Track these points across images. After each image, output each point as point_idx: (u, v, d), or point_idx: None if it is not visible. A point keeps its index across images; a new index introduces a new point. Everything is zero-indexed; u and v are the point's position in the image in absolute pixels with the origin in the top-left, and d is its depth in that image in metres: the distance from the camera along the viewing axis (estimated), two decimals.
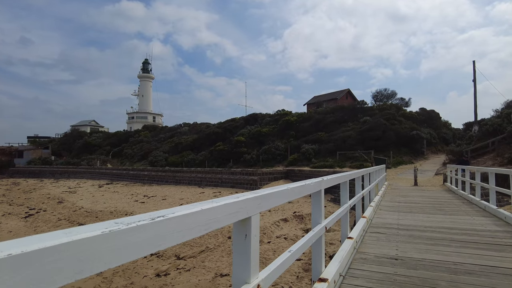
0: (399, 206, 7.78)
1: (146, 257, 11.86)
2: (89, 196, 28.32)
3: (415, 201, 8.87)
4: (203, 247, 12.51)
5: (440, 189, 13.09)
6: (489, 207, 6.91)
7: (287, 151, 29.71)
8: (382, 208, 7.43)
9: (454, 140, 30.69)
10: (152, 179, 34.06)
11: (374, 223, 5.65)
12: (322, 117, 31.61)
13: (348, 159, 25.08)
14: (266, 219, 15.65)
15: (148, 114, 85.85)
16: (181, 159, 37.16)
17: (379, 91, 41.20)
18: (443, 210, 7.22)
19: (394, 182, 16.50)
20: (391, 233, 4.88)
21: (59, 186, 36.55)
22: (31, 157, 61.64)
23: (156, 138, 52.49)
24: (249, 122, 40.52)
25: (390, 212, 6.79)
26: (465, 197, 9.33)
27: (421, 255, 3.71)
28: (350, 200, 4.10)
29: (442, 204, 8.26)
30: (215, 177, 26.54)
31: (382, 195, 9.95)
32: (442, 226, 5.36)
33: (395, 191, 12.06)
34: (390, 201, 8.90)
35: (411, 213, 6.74)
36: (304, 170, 23.04)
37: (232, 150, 32.71)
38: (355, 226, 4.68)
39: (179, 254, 12.00)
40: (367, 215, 5.56)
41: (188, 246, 12.83)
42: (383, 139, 25.81)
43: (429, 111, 37.08)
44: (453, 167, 12.64)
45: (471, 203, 8.40)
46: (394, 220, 5.96)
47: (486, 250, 3.89)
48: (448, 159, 21.20)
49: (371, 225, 5.40)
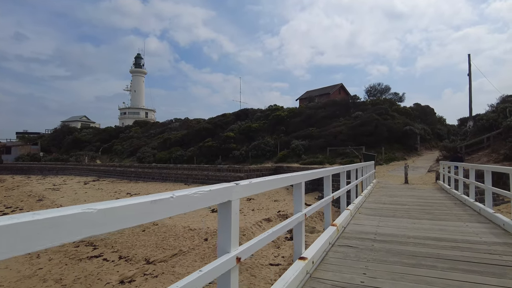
0: (382, 209, 6.82)
1: (114, 261, 10.93)
2: (71, 193, 27.35)
3: (402, 202, 7.92)
4: (176, 250, 11.55)
5: (432, 187, 12.20)
6: (484, 210, 5.98)
7: (277, 147, 28.76)
8: (363, 211, 6.48)
9: (448, 136, 29.89)
10: (138, 176, 33.06)
11: (348, 231, 4.68)
12: (313, 112, 30.62)
13: (339, 155, 24.20)
14: (248, 219, 14.72)
15: (140, 109, 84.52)
16: (169, 155, 36.06)
17: (372, 86, 40.29)
18: (432, 214, 6.27)
19: (384, 180, 15.61)
20: (364, 247, 3.91)
21: (44, 183, 35.52)
22: (19, 153, 60.47)
23: (146, 134, 51.33)
24: (240, 118, 39.44)
25: (370, 217, 5.83)
26: (458, 197, 8.40)
27: (395, 284, 2.76)
28: (306, 209, 3.16)
29: (431, 206, 7.31)
30: (201, 174, 25.53)
31: (367, 195, 9.02)
32: (429, 237, 4.39)
33: (383, 190, 11.14)
34: (374, 202, 7.94)
35: (395, 218, 5.78)
36: (292, 166, 22.10)
37: (221, 146, 31.66)
38: (317, 239, 3.73)
39: (149, 258, 11.03)
40: (339, 222, 4.60)
41: (160, 248, 11.88)
42: (375, 134, 24.91)
43: (423, 106, 36.18)
44: (446, 164, 11.74)
45: (464, 204, 7.47)
46: (373, 227, 5.00)
47: (482, 275, 2.93)
48: (441, 155, 20.35)
49: (342, 235, 4.42)
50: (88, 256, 11.41)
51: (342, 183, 5.58)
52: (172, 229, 13.98)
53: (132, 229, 14.41)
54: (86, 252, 11.77)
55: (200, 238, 12.62)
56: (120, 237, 13.33)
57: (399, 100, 38.85)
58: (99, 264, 10.61)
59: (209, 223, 14.14)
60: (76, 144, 56.32)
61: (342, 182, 5.59)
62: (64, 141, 57.60)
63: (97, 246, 12.48)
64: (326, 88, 44.95)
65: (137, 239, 12.95)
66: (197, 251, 11.44)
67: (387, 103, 32.38)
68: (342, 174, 5.63)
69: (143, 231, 13.97)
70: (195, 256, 11.02)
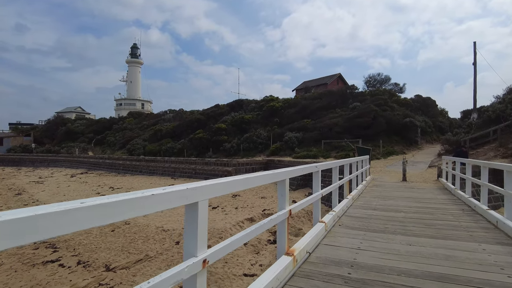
0: (370, 218, 5.39)
1: (70, 267, 9.65)
2: (53, 187, 26.23)
3: (396, 208, 6.47)
4: (142, 255, 10.22)
5: (433, 186, 10.76)
6: (504, 224, 4.52)
7: (270, 139, 27.27)
8: (345, 221, 5.06)
9: (451, 129, 28.35)
10: (126, 168, 31.76)
11: (314, 260, 3.23)
12: (309, 103, 28.98)
13: (334, 149, 22.73)
14: (229, 219, 13.37)
15: (136, 100, 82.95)
16: (159, 147, 34.64)
17: (372, 76, 38.46)
18: (434, 227, 4.84)
19: (380, 176, 14.18)
20: None
21: (31, 176, 34.46)
22: (11, 145, 59.41)
23: (139, 125, 49.86)
24: (234, 109, 37.85)
25: (352, 232, 4.40)
26: (466, 202, 6.94)
27: None
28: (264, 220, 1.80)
29: (433, 214, 5.87)
30: (188, 167, 24.13)
31: (355, 197, 7.60)
32: (429, 273, 2.93)
33: (377, 189, 9.70)
34: (363, 206, 6.49)
35: (384, 234, 4.34)
36: (283, 160, 20.68)
37: (212, 138, 30.18)
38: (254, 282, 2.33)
39: (110, 264, 9.70)
40: (301, 246, 3.18)
41: (125, 252, 10.57)
42: (373, 126, 23.37)
43: (424, 98, 34.47)
44: (449, 159, 10.28)
45: (474, 212, 6.03)
46: (352, 251, 3.56)
47: None
48: (443, 149, 18.89)
49: (302, 269, 2.99)
50: (44, 261, 10.12)
51: (316, 188, 4.15)
52: (144, 230, 12.66)
53: (101, 228, 13.14)
54: (43, 256, 10.50)
55: (171, 240, 11.34)
56: (86, 237, 12.05)
57: (400, 91, 37.18)
58: (53, 271, 9.32)
59: None
60: (68, 135, 55.07)
61: (316, 187, 4.16)
62: (57, 133, 56.21)
63: (58, 248, 11.20)
64: (324, 78, 42.98)
65: (103, 241, 11.65)
66: (165, 256, 10.14)
67: (387, 94, 30.72)
68: (315, 175, 4.20)
69: (112, 231, 12.68)
70: (162, 262, 9.71)
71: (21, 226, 0.95)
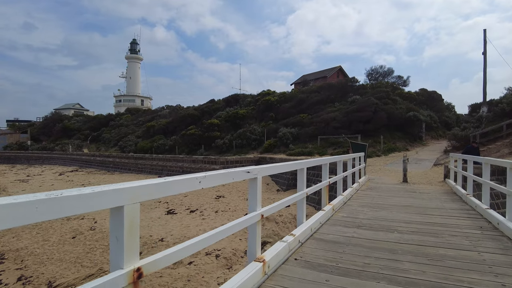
0: (348, 244, 3.71)
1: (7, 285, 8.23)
2: (36, 186, 25.08)
3: (389, 224, 4.78)
4: (95, 268, 8.72)
5: (440, 189, 9.06)
6: None
7: (264, 135, 25.63)
8: (308, 249, 3.42)
9: (458, 124, 26.45)
10: (116, 166, 30.43)
11: None
12: (306, 97, 27.21)
13: (331, 145, 21.05)
14: (205, 225, 11.81)
15: (136, 97, 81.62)
16: (151, 144, 33.18)
17: (374, 69, 36.44)
18: (442, 265, 3.10)
19: (378, 176, 12.49)
20: None
21: (20, 174, 33.47)
22: (7, 142, 58.75)
23: (135, 122, 48.48)
24: (230, 104, 36.20)
25: (309, 274, 2.75)
26: (483, 214, 5.18)
27: None
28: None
29: (439, 236, 4.16)
30: (176, 165, 22.63)
31: (339, 205, 5.96)
32: None
33: (370, 193, 8.04)
34: (344, 222, 4.79)
35: (360, 281, 2.70)
36: (276, 158, 19.06)
37: (204, 134, 28.60)
38: None
39: (55, 281, 8.19)
40: None
41: (78, 265, 9.07)
42: (373, 121, 21.59)
43: (430, 92, 32.44)
44: (459, 157, 8.58)
45: (498, 231, 4.31)
46: None
47: None
48: (451, 145, 17.13)
49: None
50: None
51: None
52: (107, 237, 11.11)
53: (61, 235, 11.69)
54: None
55: None
56: (42, 246, 10.59)
57: (403, 84, 35.14)
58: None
59: (157, 229, 11.33)
60: (65, 132, 54.01)
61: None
62: (54, 130, 55.14)
63: (5, 259, 9.75)
64: (324, 71, 40.87)
65: (58, 250, 10.16)
66: None
67: (389, 87, 28.81)
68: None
69: (73, 238, 11.21)
70: None
71: None
